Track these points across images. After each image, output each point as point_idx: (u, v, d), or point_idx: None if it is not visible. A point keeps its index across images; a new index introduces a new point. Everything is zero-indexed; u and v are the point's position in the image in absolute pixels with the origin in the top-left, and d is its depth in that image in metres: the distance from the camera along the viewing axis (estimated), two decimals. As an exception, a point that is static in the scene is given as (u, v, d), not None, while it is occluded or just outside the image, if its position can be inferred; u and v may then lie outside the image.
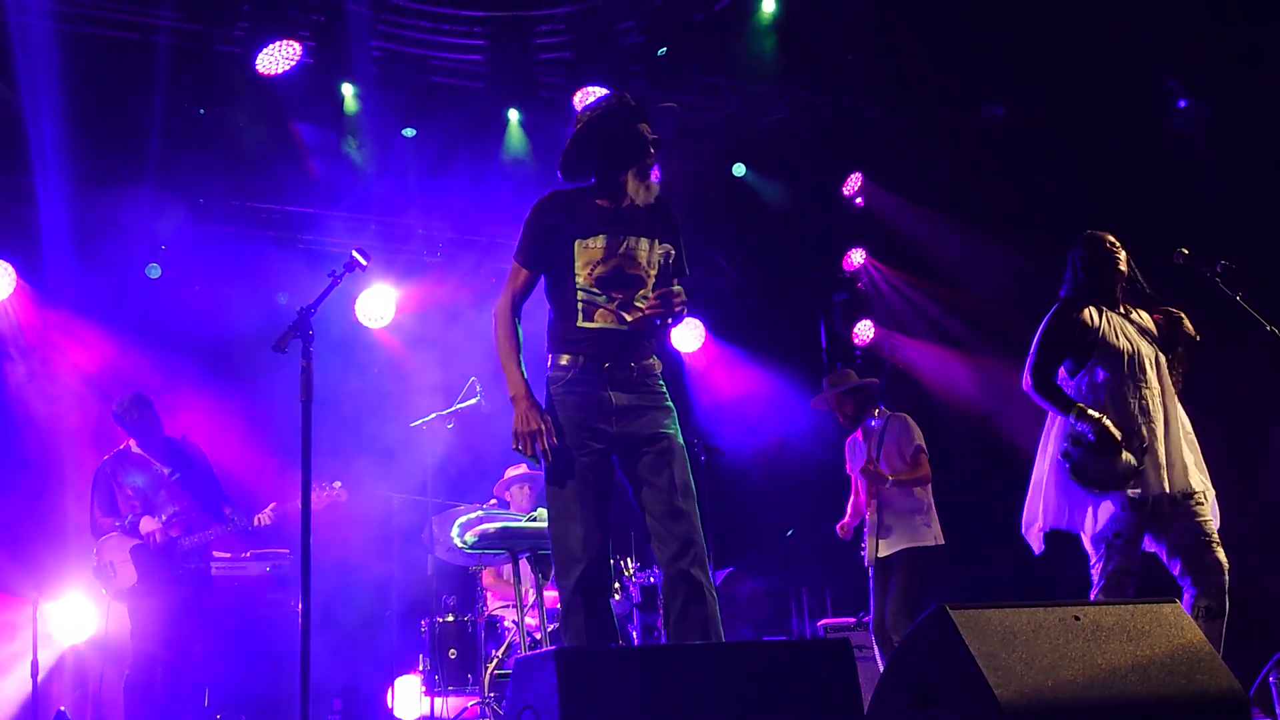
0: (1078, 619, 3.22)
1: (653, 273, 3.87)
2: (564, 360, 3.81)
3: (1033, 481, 4.83)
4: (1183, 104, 8.63)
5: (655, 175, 3.89)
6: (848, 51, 9.25)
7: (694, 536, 3.76)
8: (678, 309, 3.79)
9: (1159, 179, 8.12)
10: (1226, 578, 4.53)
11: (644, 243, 3.86)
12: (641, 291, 3.83)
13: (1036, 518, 4.72)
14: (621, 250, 3.82)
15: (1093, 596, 4.52)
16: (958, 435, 9.00)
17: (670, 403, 3.91)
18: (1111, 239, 4.85)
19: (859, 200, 10.21)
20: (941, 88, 9.34)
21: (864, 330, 10.32)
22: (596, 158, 3.89)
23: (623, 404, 3.78)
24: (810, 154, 10.06)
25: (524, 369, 3.84)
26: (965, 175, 9.26)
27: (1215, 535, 4.60)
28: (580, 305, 3.80)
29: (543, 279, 3.92)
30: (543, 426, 3.68)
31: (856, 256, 10.30)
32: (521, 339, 3.91)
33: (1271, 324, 4.64)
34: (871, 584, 6.54)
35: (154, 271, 8.51)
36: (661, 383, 3.92)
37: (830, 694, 3.11)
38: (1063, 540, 4.80)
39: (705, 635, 3.67)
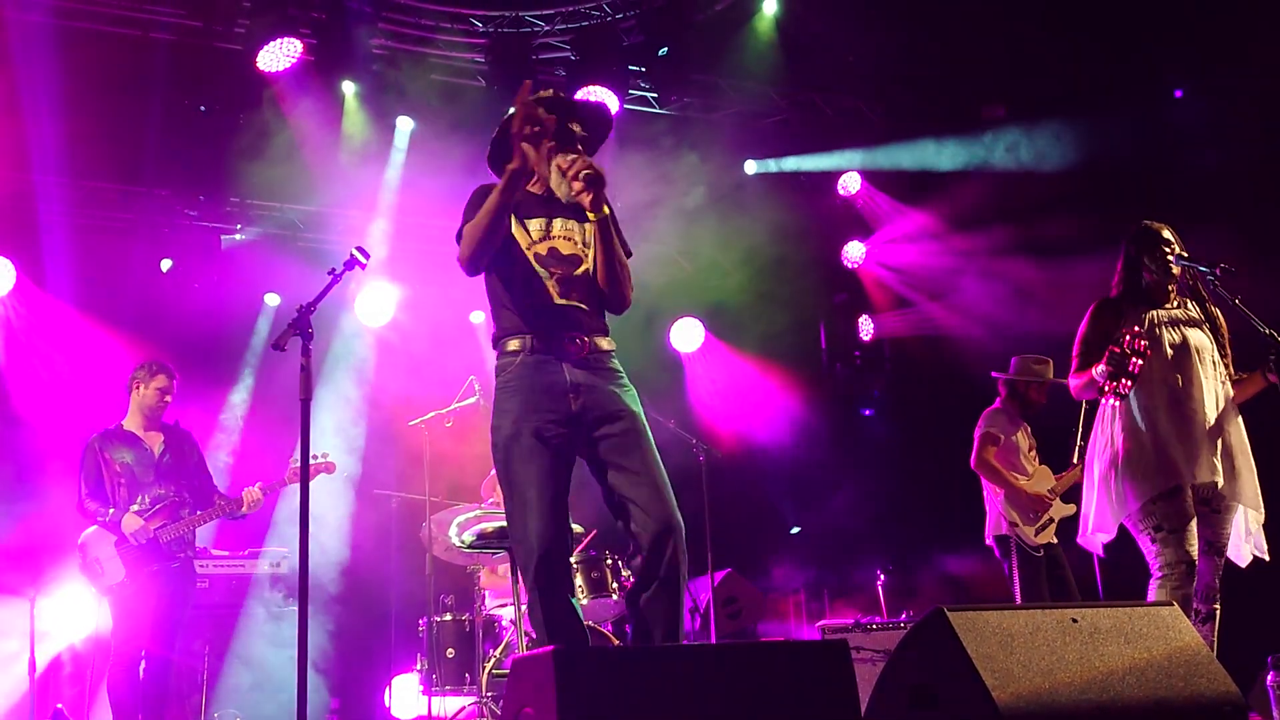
0: (1075, 621, 3.22)
1: (589, 252, 3.83)
2: (513, 344, 3.74)
3: (1085, 489, 4.80)
4: (1179, 94, 8.64)
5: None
6: (849, 52, 9.25)
7: (677, 519, 3.63)
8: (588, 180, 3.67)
9: (1160, 171, 8.12)
10: (1218, 581, 4.54)
11: (575, 224, 3.85)
12: (582, 268, 3.82)
13: (1091, 525, 4.68)
14: (557, 231, 3.82)
15: (1150, 588, 4.46)
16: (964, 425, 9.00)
17: (629, 383, 3.82)
18: (1168, 234, 4.75)
19: (859, 200, 10.23)
20: (942, 88, 9.35)
21: (864, 326, 10.34)
22: (511, 153, 3.77)
23: (579, 380, 3.70)
24: (810, 154, 10.07)
25: None
26: (964, 175, 9.27)
27: (1224, 542, 4.58)
28: (526, 280, 3.77)
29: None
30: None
31: (855, 249, 10.29)
32: None
33: (1269, 327, 4.64)
34: (1025, 571, 6.41)
35: (165, 264, 8.53)
36: (617, 362, 3.83)
37: (828, 695, 3.11)
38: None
39: (670, 630, 3.58)
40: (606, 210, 3.75)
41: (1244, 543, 4.62)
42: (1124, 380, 4.44)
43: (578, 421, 3.67)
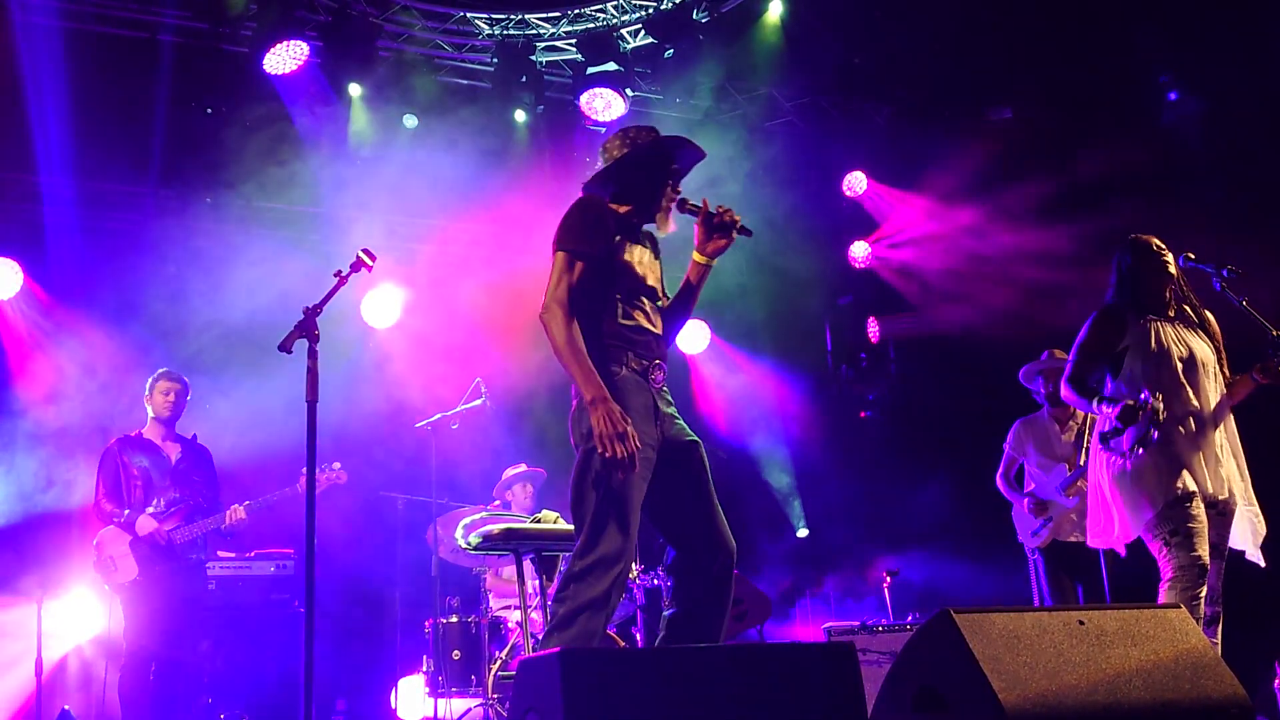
0: (1082, 623, 3.22)
1: (662, 290, 4.00)
2: (615, 358, 3.76)
3: (1090, 490, 4.86)
4: (1173, 97, 8.65)
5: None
6: (854, 54, 9.25)
7: (734, 545, 3.84)
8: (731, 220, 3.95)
9: (1157, 176, 8.14)
10: (1220, 584, 4.56)
11: (654, 260, 4.03)
12: (660, 301, 3.97)
13: (1113, 529, 4.72)
14: (648, 262, 3.96)
15: (1161, 591, 4.50)
16: (970, 427, 9.00)
17: None
18: (1158, 243, 4.84)
19: (864, 203, 10.22)
20: (948, 90, 9.34)
21: (870, 328, 10.33)
22: (638, 182, 3.99)
23: (662, 409, 3.82)
24: (815, 156, 10.06)
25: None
26: (971, 177, 9.26)
27: (1225, 544, 4.62)
28: (631, 300, 3.84)
29: (582, 274, 3.80)
30: (629, 428, 3.56)
31: (860, 249, 10.27)
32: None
33: (1276, 328, 4.66)
34: (1035, 576, 6.41)
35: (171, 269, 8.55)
36: None
37: (834, 697, 3.11)
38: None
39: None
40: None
41: (1252, 545, 4.66)
42: (1140, 441, 4.54)
43: (661, 447, 3.78)
